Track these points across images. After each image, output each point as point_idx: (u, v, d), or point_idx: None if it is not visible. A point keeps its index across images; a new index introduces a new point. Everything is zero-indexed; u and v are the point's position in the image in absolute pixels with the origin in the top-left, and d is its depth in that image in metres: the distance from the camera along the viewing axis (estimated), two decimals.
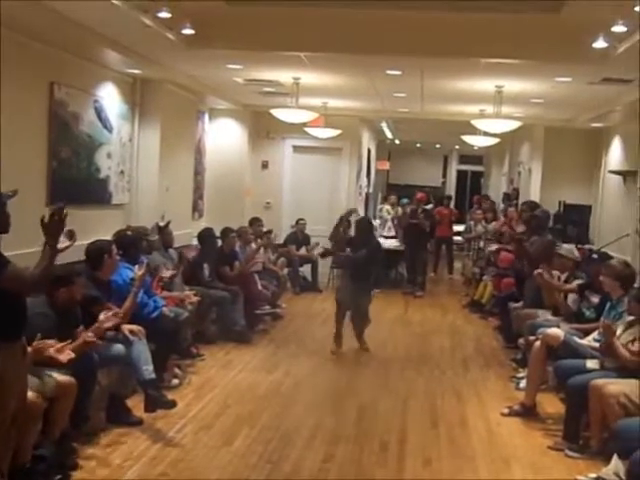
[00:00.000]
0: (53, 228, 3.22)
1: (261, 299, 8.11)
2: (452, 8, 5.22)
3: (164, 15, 5.26)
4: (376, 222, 13.56)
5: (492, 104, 8.06)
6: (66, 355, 3.88)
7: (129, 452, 4.34)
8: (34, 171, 5.90)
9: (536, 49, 5.86)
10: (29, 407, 3.52)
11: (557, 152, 10.89)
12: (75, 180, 6.54)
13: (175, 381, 5.69)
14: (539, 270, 6.12)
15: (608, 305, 5.25)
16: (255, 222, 9.28)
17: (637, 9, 4.41)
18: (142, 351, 4.80)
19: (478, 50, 6.01)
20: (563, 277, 6.30)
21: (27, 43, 5.54)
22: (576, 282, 6.10)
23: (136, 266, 5.18)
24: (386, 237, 12.41)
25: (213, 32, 5.95)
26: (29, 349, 3.61)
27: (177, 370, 5.86)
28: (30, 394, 3.56)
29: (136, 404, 4.88)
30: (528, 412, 5.30)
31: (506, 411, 5.37)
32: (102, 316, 4.41)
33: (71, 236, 3.38)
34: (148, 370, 4.75)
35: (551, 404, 5.54)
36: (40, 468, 3.73)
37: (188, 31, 5.68)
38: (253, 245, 8.44)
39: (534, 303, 6.64)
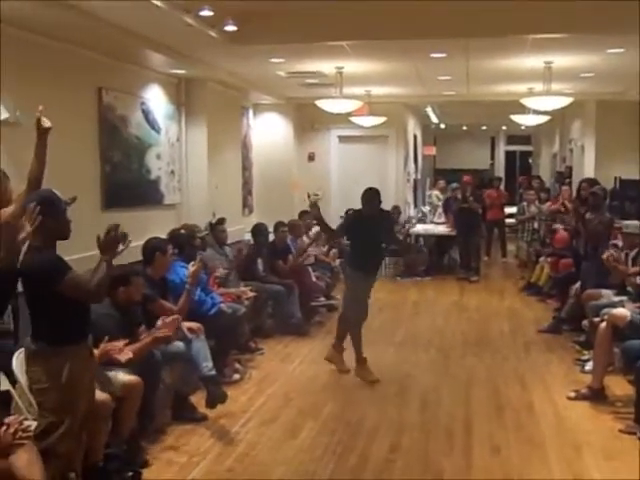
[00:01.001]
0: (108, 245, 3.28)
1: (316, 291, 8.11)
2: None
3: (206, 13, 5.29)
4: (426, 208, 13.46)
5: (541, 81, 7.86)
6: (124, 355, 3.95)
7: (196, 448, 4.39)
8: (88, 176, 6.01)
9: (585, 21, 5.68)
10: (98, 407, 3.59)
11: (610, 127, 10.57)
12: (127, 183, 6.65)
13: (236, 376, 5.73)
14: (609, 252, 5.88)
15: None
16: (305, 215, 9.27)
17: None
18: (201, 348, 4.85)
19: (525, 27, 5.87)
20: (632, 254, 6.10)
21: (74, 51, 5.64)
22: None
23: (191, 263, 5.22)
24: (437, 223, 12.28)
25: (255, 27, 5.95)
26: (96, 351, 3.67)
27: (237, 365, 5.90)
28: (99, 394, 3.62)
29: (199, 401, 4.93)
30: (596, 395, 5.16)
31: (573, 395, 5.25)
32: (160, 322, 4.44)
33: (124, 240, 3.42)
34: (208, 366, 4.79)
35: (619, 386, 5.38)
36: (113, 466, 3.80)
37: (230, 28, 5.69)
38: (304, 238, 8.44)
39: (597, 283, 6.44)
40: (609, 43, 6.45)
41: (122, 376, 3.93)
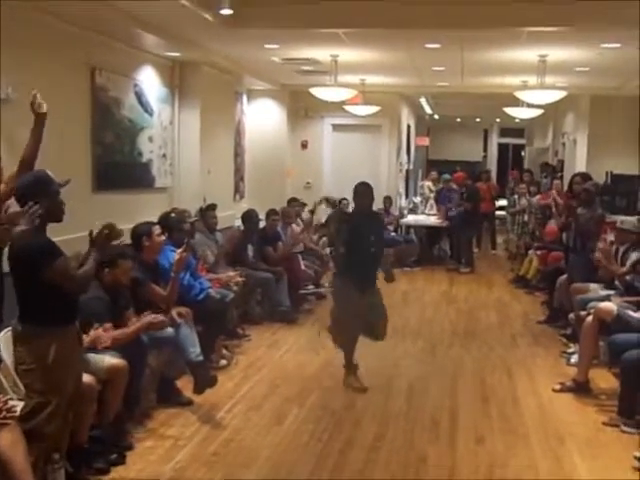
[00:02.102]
0: (100, 244, 3.31)
1: (305, 279, 8.12)
2: None
3: None
4: (417, 199, 13.46)
5: (535, 74, 7.85)
6: (103, 343, 3.95)
7: (181, 432, 4.40)
8: (79, 157, 5.96)
9: (581, 15, 5.66)
10: (84, 390, 3.58)
11: (603, 121, 10.60)
12: (119, 165, 6.60)
13: (223, 362, 5.74)
14: (601, 248, 5.92)
15: None
16: (293, 202, 9.27)
17: None
18: (189, 333, 4.85)
19: (520, 19, 5.84)
20: (622, 249, 6.13)
21: (67, 29, 5.57)
22: (634, 255, 5.91)
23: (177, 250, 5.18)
24: (428, 214, 12.30)
25: (250, 12, 5.90)
26: (85, 336, 3.67)
27: (225, 351, 5.91)
28: (85, 377, 3.62)
29: (185, 385, 4.94)
30: (581, 388, 5.21)
31: (558, 387, 5.28)
32: (150, 317, 4.42)
33: (118, 237, 3.47)
34: (195, 352, 4.80)
35: (604, 379, 5.43)
36: (97, 449, 3.82)
37: (226, 11, 5.64)
38: (294, 226, 8.43)
39: (585, 277, 6.48)
40: (605, 38, 6.44)
41: (108, 359, 3.93)
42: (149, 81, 7.23)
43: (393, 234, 11.30)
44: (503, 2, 5.64)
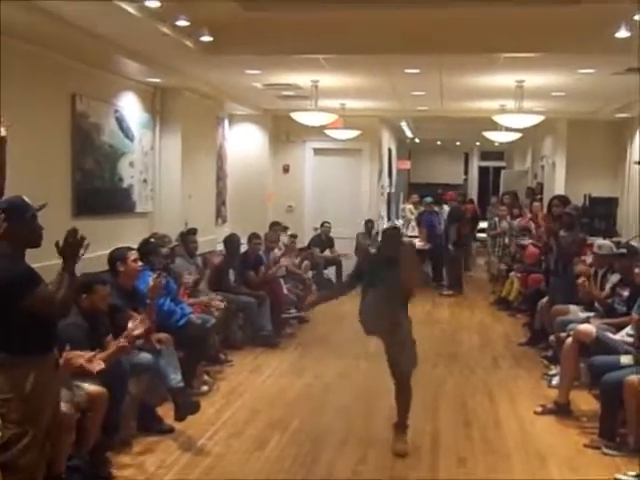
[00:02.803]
0: (69, 251, 3.23)
1: (287, 303, 8.12)
2: (470, 3, 5.17)
3: (182, 23, 5.29)
4: (399, 222, 13.53)
5: (513, 99, 7.98)
6: (97, 365, 3.91)
7: (162, 460, 4.35)
8: (59, 183, 5.94)
9: (557, 41, 5.78)
10: (62, 419, 3.53)
11: (581, 145, 10.75)
12: (99, 190, 6.58)
13: (204, 387, 5.69)
14: (583, 279, 6.02)
15: None
16: (275, 226, 9.29)
17: None
18: (170, 359, 4.81)
19: (498, 45, 5.95)
20: (601, 272, 6.21)
21: (47, 56, 5.59)
22: (612, 277, 5.99)
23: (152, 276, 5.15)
24: (410, 237, 12.35)
25: (231, 38, 5.95)
26: (60, 361, 3.63)
27: (206, 377, 5.86)
28: (63, 405, 3.57)
29: (166, 412, 4.89)
30: (562, 410, 5.23)
31: (539, 409, 5.30)
32: (130, 324, 4.41)
33: (82, 243, 3.36)
34: (176, 378, 4.75)
35: (585, 401, 5.45)
36: (75, 479, 3.75)
37: (206, 38, 5.69)
38: (276, 250, 8.44)
39: (565, 299, 6.53)
40: (580, 63, 6.57)
41: (87, 387, 3.88)
42: (130, 107, 7.24)
43: None
44: (479, 28, 5.74)
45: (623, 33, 5.14)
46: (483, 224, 13.17)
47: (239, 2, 5.32)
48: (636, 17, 4.84)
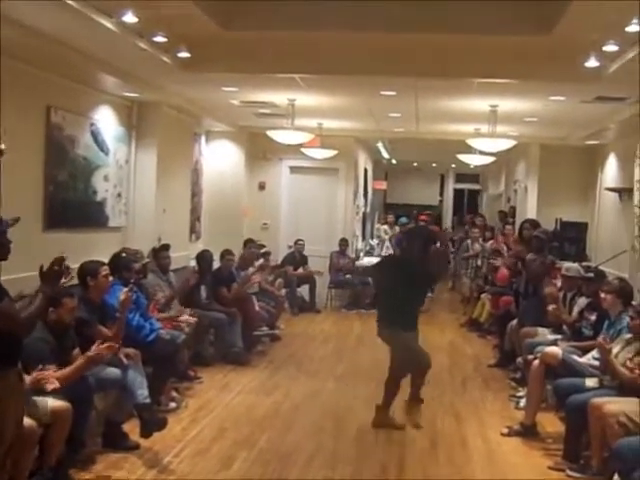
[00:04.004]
0: (50, 277, 3.25)
1: (259, 320, 8.09)
2: (445, 29, 5.27)
3: (159, 39, 5.31)
4: (374, 242, 13.60)
5: (487, 123, 8.10)
6: (50, 384, 3.86)
7: (125, 478, 4.30)
8: (30, 195, 5.89)
9: (529, 69, 5.90)
10: (25, 434, 3.49)
11: (553, 170, 10.92)
12: (72, 203, 6.54)
13: (172, 404, 5.65)
14: (553, 306, 6.13)
15: (606, 323, 5.23)
16: (249, 243, 9.30)
17: (627, 29, 4.44)
18: (137, 375, 4.77)
19: (471, 70, 6.05)
20: (569, 295, 6.31)
21: (23, 68, 5.57)
22: (580, 300, 6.09)
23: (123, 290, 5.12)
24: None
25: (208, 55, 5.99)
26: (27, 377, 3.59)
27: (174, 393, 5.82)
28: (25, 420, 3.53)
29: (132, 428, 4.84)
30: (528, 432, 5.27)
31: (506, 431, 5.34)
32: (95, 347, 4.36)
33: (67, 274, 3.41)
34: (143, 394, 4.72)
35: (551, 423, 5.51)
36: None
37: (184, 54, 5.71)
38: (250, 268, 8.43)
39: (534, 321, 6.61)
40: (551, 91, 6.70)
41: (51, 402, 3.83)
42: (106, 120, 7.23)
43: (348, 276, 11.37)
44: (454, 53, 5.85)
45: (592, 63, 5.27)
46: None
47: (217, 20, 5.37)
48: (605, 48, 4.97)
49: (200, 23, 5.29)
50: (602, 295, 5.29)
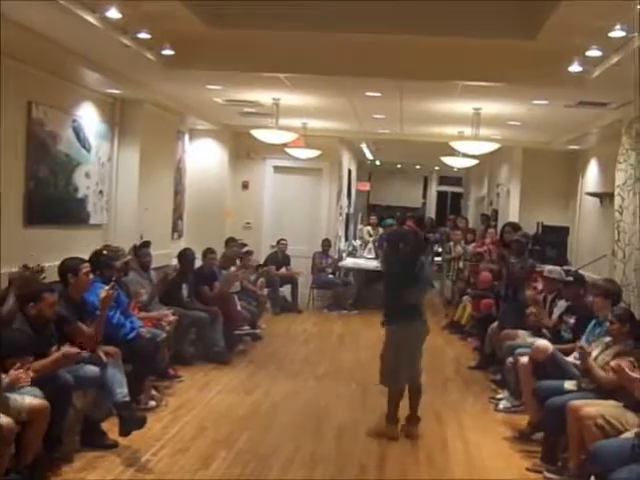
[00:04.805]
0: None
1: (240, 320, 8.05)
2: (430, 32, 5.29)
3: (143, 36, 5.28)
4: (357, 243, 13.61)
5: (470, 126, 8.14)
6: (22, 382, 3.81)
7: (103, 477, 4.26)
8: (11, 191, 5.83)
9: (513, 73, 5.94)
10: (1, 431, 3.45)
11: (535, 174, 10.99)
12: (53, 200, 6.48)
13: (152, 403, 5.61)
14: (532, 309, 6.17)
15: (593, 323, 5.24)
16: (231, 242, 9.26)
17: (610, 34, 4.49)
18: (116, 373, 4.74)
19: (456, 73, 6.08)
20: (550, 297, 6.35)
21: (4, 62, 5.49)
22: (560, 303, 6.13)
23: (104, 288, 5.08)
24: (367, 258, 12.45)
25: (192, 53, 5.96)
26: (4, 376, 3.55)
27: (154, 392, 5.79)
28: (2, 417, 3.49)
29: (111, 427, 4.80)
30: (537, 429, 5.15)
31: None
32: (67, 347, 4.31)
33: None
34: (122, 393, 4.68)
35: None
36: None
37: (167, 52, 5.69)
38: (232, 267, 8.40)
39: (514, 324, 6.65)
40: (534, 95, 6.74)
41: (29, 399, 3.80)
42: (88, 117, 7.17)
43: (331, 276, 11.38)
44: (439, 55, 5.87)
45: (576, 67, 5.32)
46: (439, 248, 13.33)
47: (202, 18, 5.36)
48: (588, 53, 5.01)
49: (185, 21, 5.28)
50: (590, 297, 5.32)
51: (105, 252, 5.76)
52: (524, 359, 5.36)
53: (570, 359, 5.21)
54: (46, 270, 5.20)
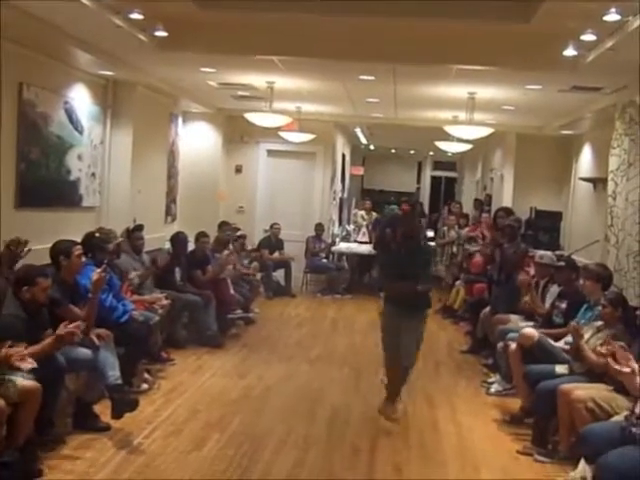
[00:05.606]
0: (4, 259, 3.21)
1: (233, 303, 8.05)
2: (424, 15, 5.24)
3: (136, 16, 5.22)
4: (350, 227, 13.61)
5: (465, 111, 8.12)
6: (28, 364, 3.81)
7: (95, 459, 4.27)
8: (2, 172, 5.78)
9: (507, 57, 5.91)
10: None
11: (529, 159, 10.98)
12: (44, 182, 6.45)
13: (144, 386, 5.62)
14: (526, 299, 6.22)
15: (584, 307, 5.27)
16: (224, 226, 9.24)
17: (605, 18, 4.46)
18: (109, 356, 4.73)
19: (450, 57, 6.04)
20: (542, 283, 6.37)
21: None
22: (553, 289, 6.15)
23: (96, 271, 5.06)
24: (360, 242, 12.45)
25: (186, 35, 5.91)
26: None
27: (147, 375, 5.79)
28: None
29: (103, 410, 4.81)
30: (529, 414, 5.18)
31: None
32: (62, 327, 4.30)
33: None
34: (114, 375, 4.68)
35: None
36: (3, 475, 3.66)
37: (160, 33, 5.62)
38: (225, 251, 8.39)
39: (506, 309, 6.67)
40: (528, 79, 6.72)
41: (20, 381, 3.79)
42: (81, 99, 7.12)
43: (324, 261, 11.39)
44: (433, 39, 5.83)
45: (570, 52, 5.29)
46: (430, 233, 13.35)
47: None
48: (583, 37, 4.99)
49: (178, 2, 5.22)
50: (581, 281, 5.35)
51: (97, 235, 5.74)
52: (513, 345, 5.38)
53: (560, 344, 5.24)
54: (29, 245, 5.08)
